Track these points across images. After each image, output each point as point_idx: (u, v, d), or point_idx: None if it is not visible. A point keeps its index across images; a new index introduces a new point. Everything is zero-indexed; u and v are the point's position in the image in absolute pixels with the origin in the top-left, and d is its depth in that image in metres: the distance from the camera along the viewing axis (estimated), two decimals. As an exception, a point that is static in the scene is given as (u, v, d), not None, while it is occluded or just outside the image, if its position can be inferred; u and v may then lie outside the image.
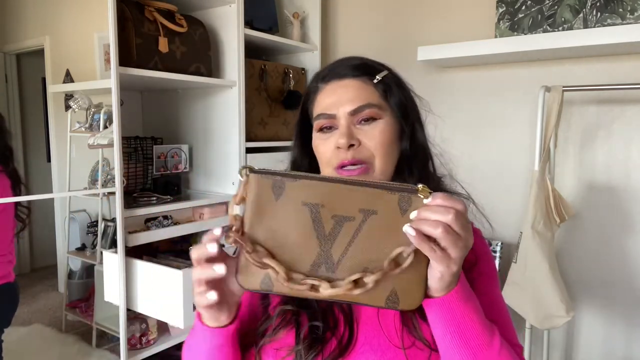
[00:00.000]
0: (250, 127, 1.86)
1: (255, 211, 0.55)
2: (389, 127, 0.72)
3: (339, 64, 0.76)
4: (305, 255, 0.55)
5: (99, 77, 1.51)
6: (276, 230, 0.55)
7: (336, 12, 2.30)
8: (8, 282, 1.50)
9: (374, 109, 0.71)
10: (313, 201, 0.55)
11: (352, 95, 0.71)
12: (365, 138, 0.70)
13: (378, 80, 0.72)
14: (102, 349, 1.64)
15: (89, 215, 1.69)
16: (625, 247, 1.65)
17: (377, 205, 0.55)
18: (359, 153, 0.70)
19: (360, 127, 0.71)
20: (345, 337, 0.68)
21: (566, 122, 1.71)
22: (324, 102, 0.73)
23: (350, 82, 0.72)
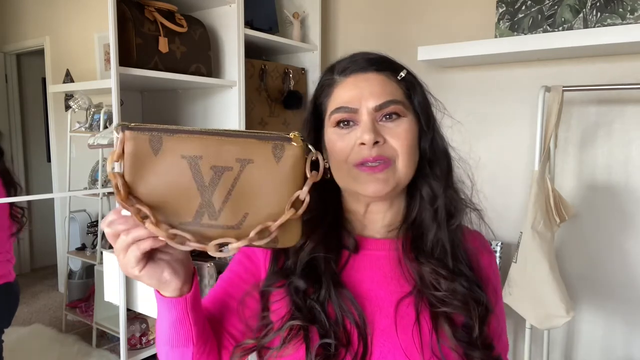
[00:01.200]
0: (250, 127, 1.86)
1: (135, 167, 0.55)
2: (412, 126, 0.68)
3: (359, 57, 0.71)
4: (187, 205, 0.56)
5: (99, 77, 1.51)
6: (157, 184, 0.56)
7: (336, 12, 2.30)
8: (8, 281, 1.50)
9: (399, 106, 0.67)
10: (191, 154, 0.56)
11: (377, 90, 0.67)
12: (390, 136, 0.66)
13: (402, 77, 0.69)
14: (102, 349, 1.64)
15: (89, 215, 1.69)
16: (625, 247, 1.65)
17: (252, 154, 0.56)
18: (384, 150, 0.66)
19: (383, 124, 0.67)
20: (359, 353, 0.65)
21: (566, 122, 1.71)
22: (345, 96, 0.68)
23: (374, 76, 0.68)
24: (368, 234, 0.74)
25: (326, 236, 0.70)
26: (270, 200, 0.57)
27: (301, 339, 0.65)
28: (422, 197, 0.71)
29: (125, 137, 0.55)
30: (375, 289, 0.70)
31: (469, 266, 0.70)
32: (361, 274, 0.71)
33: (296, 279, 0.68)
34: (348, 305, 0.67)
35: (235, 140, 0.56)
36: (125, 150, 0.55)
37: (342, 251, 0.72)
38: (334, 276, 0.69)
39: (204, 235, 0.56)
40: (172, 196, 0.56)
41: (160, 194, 0.56)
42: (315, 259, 0.69)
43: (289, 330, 0.66)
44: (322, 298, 0.67)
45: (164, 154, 0.56)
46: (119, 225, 0.55)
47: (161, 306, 0.64)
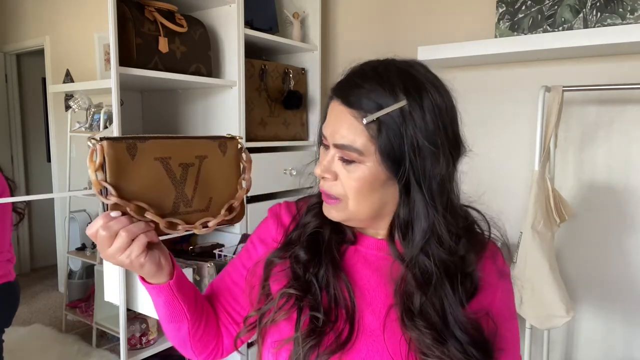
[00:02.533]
0: (250, 127, 1.86)
1: (118, 172, 0.64)
2: (369, 174, 0.64)
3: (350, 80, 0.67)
4: (166, 198, 0.68)
5: (99, 77, 1.51)
6: (139, 184, 0.65)
7: (336, 12, 2.30)
8: (8, 281, 1.50)
9: (353, 153, 0.63)
10: (162, 155, 0.67)
11: (340, 129, 0.64)
12: (343, 176, 0.66)
13: (366, 122, 0.62)
14: (102, 349, 1.64)
15: (89, 215, 1.69)
16: (625, 247, 1.65)
17: (206, 151, 0.72)
18: (331, 188, 0.68)
19: (341, 163, 0.66)
20: (344, 334, 0.68)
21: (566, 122, 1.71)
22: (327, 119, 0.68)
23: (344, 111, 0.64)
24: (369, 233, 0.76)
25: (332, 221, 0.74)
26: (225, 184, 0.74)
27: (295, 307, 0.69)
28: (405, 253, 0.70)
29: (104, 146, 0.63)
30: (366, 287, 0.72)
31: (468, 324, 0.66)
32: (359, 267, 0.73)
33: (298, 249, 0.73)
34: (342, 288, 0.70)
35: (193, 142, 0.71)
36: (106, 159, 0.63)
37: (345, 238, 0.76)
38: (334, 258, 0.73)
39: (186, 220, 0.70)
40: (153, 192, 0.67)
41: (143, 192, 0.66)
42: (319, 233, 0.74)
43: (285, 298, 0.70)
44: (320, 275, 0.71)
45: (139, 158, 0.66)
46: (114, 226, 0.61)
47: (151, 292, 0.72)
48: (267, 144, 1.93)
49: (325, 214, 0.71)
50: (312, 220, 0.75)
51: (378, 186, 0.66)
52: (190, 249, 1.82)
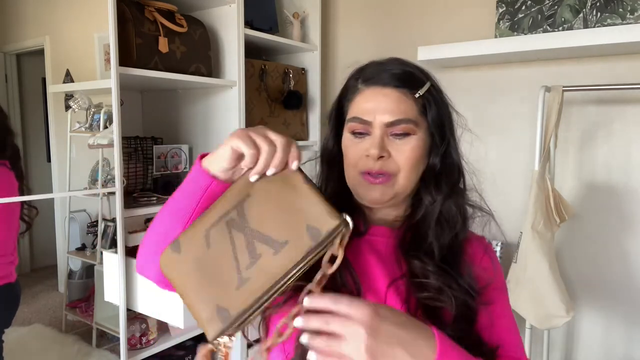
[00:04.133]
0: (250, 127, 1.86)
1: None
2: (421, 142, 0.72)
3: (382, 68, 0.74)
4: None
5: (99, 77, 1.51)
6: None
7: (336, 12, 2.30)
8: (9, 282, 1.50)
9: (410, 125, 0.71)
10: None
11: (391, 107, 0.70)
12: (396, 151, 0.71)
13: (419, 95, 0.72)
14: (102, 349, 1.64)
15: (89, 215, 1.69)
16: (625, 247, 1.65)
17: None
18: (386, 165, 0.71)
19: (393, 139, 0.71)
20: None
21: (566, 122, 1.71)
22: (362, 106, 0.72)
23: (392, 92, 0.71)
24: (373, 221, 0.79)
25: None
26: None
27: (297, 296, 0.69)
28: (425, 205, 0.75)
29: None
30: (370, 272, 0.74)
31: (464, 272, 0.72)
32: (359, 255, 0.75)
33: None
34: (347, 275, 0.71)
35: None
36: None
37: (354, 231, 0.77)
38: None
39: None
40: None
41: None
42: None
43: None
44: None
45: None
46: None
47: (194, 175, 0.67)
48: (267, 144, 1.93)
49: (365, 198, 0.73)
50: None
51: (424, 156, 0.74)
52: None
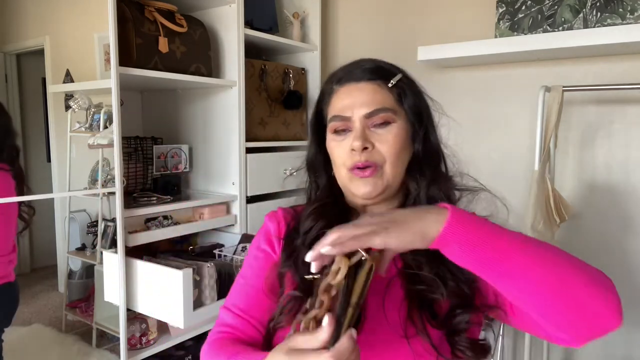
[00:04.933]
0: (250, 127, 1.86)
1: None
2: (402, 131, 0.73)
3: (354, 66, 0.76)
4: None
5: (99, 77, 1.51)
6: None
7: (336, 12, 2.30)
8: (8, 282, 1.50)
9: (388, 113, 0.72)
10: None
11: (367, 99, 0.72)
12: (379, 142, 0.72)
13: (393, 84, 0.74)
14: (102, 349, 1.64)
15: (89, 215, 1.69)
16: (625, 247, 1.65)
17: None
18: (372, 156, 0.72)
19: (374, 131, 0.72)
20: None
21: (566, 122, 1.71)
22: (339, 105, 0.74)
23: (366, 85, 0.73)
24: None
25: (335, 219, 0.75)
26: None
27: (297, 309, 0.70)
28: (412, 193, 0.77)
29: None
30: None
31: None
32: None
33: (301, 252, 0.74)
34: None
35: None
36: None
37: None
38: None
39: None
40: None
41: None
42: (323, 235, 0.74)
43: (287, 300, 0.71)
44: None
45: None
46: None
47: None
48: (267, 144, 1.93)
49: (358, 193, 0.73)
50: (314, 224, 0.77)
51: (408, 145, 0.75)
52: (190, 249, 1.82)
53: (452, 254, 0.58)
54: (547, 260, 0.58)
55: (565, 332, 0.60)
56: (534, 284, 0.57)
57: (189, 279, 1.47)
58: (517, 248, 0.58)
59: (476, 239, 0.57)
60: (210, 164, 1.91)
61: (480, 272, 0.59)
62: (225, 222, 1.82)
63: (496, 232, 0.58)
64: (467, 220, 0.58)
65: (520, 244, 0.58)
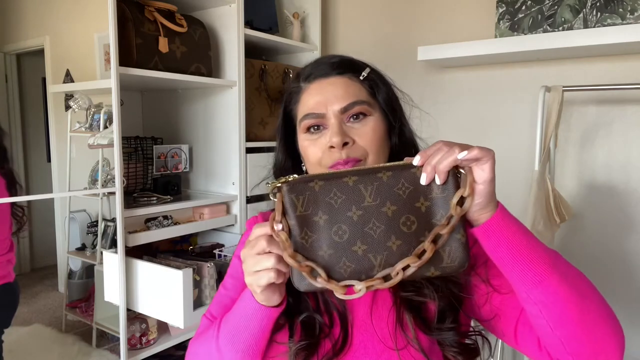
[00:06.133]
0: (250, 127, 1.86)
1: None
2: (379, 123, 0.71)
3: (320, 62, 0.74)
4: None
5: (99, 77, 1.51)
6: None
7: (336, 12, 2.30)
8: (8, 282, 1.50)
9: (364, 105, 0.69)
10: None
11: (341, 93, 0.69)
12: (357, 136, 0.69)
13: (364, 76, 0.71)
14: (102, 349, 1.64)
15: (89, 215, 1.69)
16: (625, 247, 1.65)
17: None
18: (353, 151, 0.68)
19: (351, 125, 0.69)
20: (340, 340, 0.68)
21: (566, 122, 1.71)
22: (311, 101, 0.70)
23: (337, 79, 0.70)
24: None
25: None
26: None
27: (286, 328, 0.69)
28: None
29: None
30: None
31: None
32: None
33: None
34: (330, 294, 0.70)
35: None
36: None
37: None
38: None
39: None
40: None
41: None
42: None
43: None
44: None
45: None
46: (273, 248, 0.58)
47: (257, 311, 0.64)
48: (267, 143, 1.93)
49: None
50: None
51: (385, 137, 0.72)
52: (190, 249, 1.82)
53: (497, 243, 0.58)
54: (578, 286, 0.60)
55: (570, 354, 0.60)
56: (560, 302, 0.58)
57: (189, 278, 1.47)
58: (558, 270, 0.58)
59: (521, 239, 0.58)
60: (210, 164, 1.91)
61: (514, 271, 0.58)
62: (225, 222, 1.82)
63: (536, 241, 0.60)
64: (513, 220, 0.60)
65: (561, 266, 0.60)
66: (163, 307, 1.51)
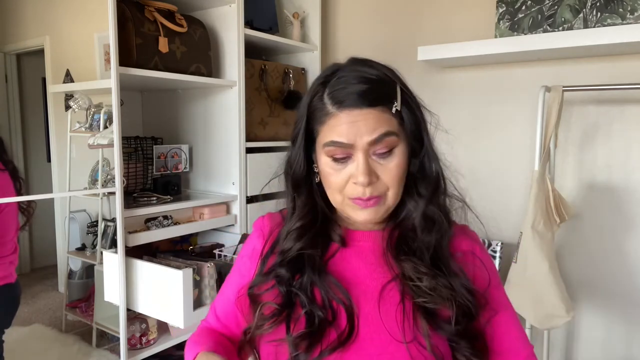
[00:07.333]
0: (250, 127, 1.86)
1: None
2: (403, 155, 0.70)
3: (353, 85, 0.69)
4: None
5: (99, 77, 1.51)
6: None
7: (336, 12, 2.30)
8: (9, 282, 1.50)
9: (392, 137, 0.68)
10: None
11: (372, 125, 0.67)
12: (382, 172, 0.69)
13: (396, 110, 0.69)
14: (102, 349, 1.64)
15: (89, 215, 1.69)
16: (625, 247, 1.65)
17: None
18: (376, 189, 0.69)
19: (376, 160, 0.69)
20: (346, 331, 0.69)
21: (566, 122, 1.71)
22: (340, 130, 0.68)
23: (369, 111, 0.67)
24: (356, 227, 0.78)
25: (314, 237, 0.75)
26: None
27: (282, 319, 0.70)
28: (408, 209, 0.75)
29: None
30: (360, 276, 0.74)
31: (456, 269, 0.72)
32: (347, 263, 0.75)
33: (279, 269, 0.74)
34: (333, 288, 0.71)
35: None
36: None
37: (331, 245, 0.77)
38: (319, 266, 0.74)
39: None
40: None
41: None
42: (301, 255, 0.74)
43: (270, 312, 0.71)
44: (304, 283, 0.72)
45: None
46: None
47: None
48: (267, 144, 1.93)
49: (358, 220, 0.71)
50: (295, 245, 0.74)
51: (406, 166, 0.72)
52: (190, 249, 1.82)
53: None
54: None
55: None
56: None
57: (189, 278, 1.47)
58: None
59: None
60: (210, 164, 1.91)
61: None
62: (225, 222, 1.82)
63: None
64: None
65: None
66: (163, 307, 1.51)
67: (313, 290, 0.72)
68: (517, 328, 0.77)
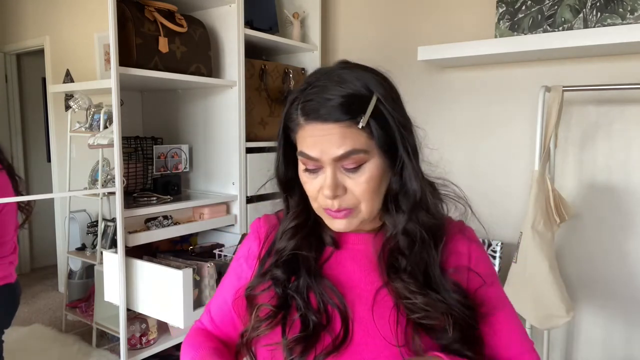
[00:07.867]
0: (250, 127, 1.86)
1: None
2: (375, 169, 0.67)
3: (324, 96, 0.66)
4: None
5: (99, 77, 1.51)
6: None
7: (336, 12, 2.30)
8: (9, 282, 1.50)
9: (359, 155, 0.65)
10: None
11: (337, 143, 0.65)
12: (352, 185, 0.67)
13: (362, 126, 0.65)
14: (102, 349, 1.65)
15: (89, 215, 1.69)
16: (625, 247, 1.65)
17: None
18: (344, 201, 0.67)
19: (346, 174, 0.67)
20: (340, 336, 0.68)
21: (566, 122, 1.71)
22: (307, 142, 0.67)
23: (333, 127, 0.65)
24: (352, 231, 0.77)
25: (308, 237, 0.75)
26: None
27: (278, 321, 0.70)
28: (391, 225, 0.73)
29: None
30: (355, 280, 0.74)
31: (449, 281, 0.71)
32: (341, 266, 0.75)
33: (275, 270, 0.73)
34: (328, 292, 0.71)
35: None
36: None
37: (325, 248, 0.77)
38: (314, 269, 0.73)
39: None
40: None
41: None
42: (295, 256, 0.74)
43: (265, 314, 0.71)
44: (300, 287, 0.72)
45: None
46: None
47: None
48: (267, 143, 1.93)
49: (332, 227, 0.71)
50: (288, 244, 0.75)
51: (382, 178, 0.69)
52: (190, 249, 1.82)
53: None
54: None
55: None
56: None
57: (189, 278, 1.47)
58: None
59: None
60: (210, 164, 1.91)
61: None
62: (225, 222, 1.82)
63: None
64: None
65: None
66: (163, 307, 1.51)
67: (309, 294, 0.72)
68: (516, 324, 0.76)
